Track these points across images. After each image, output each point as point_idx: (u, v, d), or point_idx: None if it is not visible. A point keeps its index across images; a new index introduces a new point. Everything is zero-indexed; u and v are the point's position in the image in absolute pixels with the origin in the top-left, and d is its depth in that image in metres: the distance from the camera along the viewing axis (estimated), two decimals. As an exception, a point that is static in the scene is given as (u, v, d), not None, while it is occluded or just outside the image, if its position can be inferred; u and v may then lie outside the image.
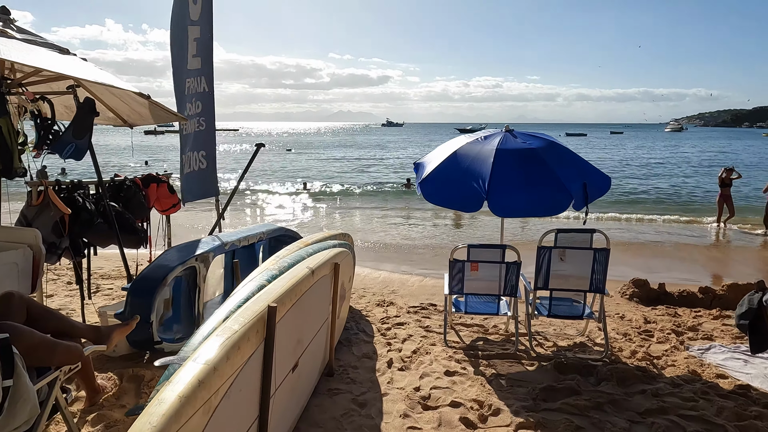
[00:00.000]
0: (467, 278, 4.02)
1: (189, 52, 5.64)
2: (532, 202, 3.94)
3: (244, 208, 14.58)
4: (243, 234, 4.75)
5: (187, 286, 3.84)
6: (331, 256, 3.28)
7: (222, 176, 23.52)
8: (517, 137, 4.45)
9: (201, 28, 5.77)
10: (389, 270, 7.34)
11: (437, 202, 4.26)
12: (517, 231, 10.60)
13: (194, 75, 5.80)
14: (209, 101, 5.97)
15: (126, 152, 39.54)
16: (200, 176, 6.04)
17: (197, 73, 5.82)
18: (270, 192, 18.23)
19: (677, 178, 23.81)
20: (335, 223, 12.21)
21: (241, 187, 19.75)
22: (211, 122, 6.03)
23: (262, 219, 12.93)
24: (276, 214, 13.48)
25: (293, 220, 12.49)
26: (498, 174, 4.02)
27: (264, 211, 14.20)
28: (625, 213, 13.70)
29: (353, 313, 5.07)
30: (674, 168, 29.44)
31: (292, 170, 28.28)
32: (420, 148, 48.76)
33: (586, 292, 4.04)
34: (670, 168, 29.37)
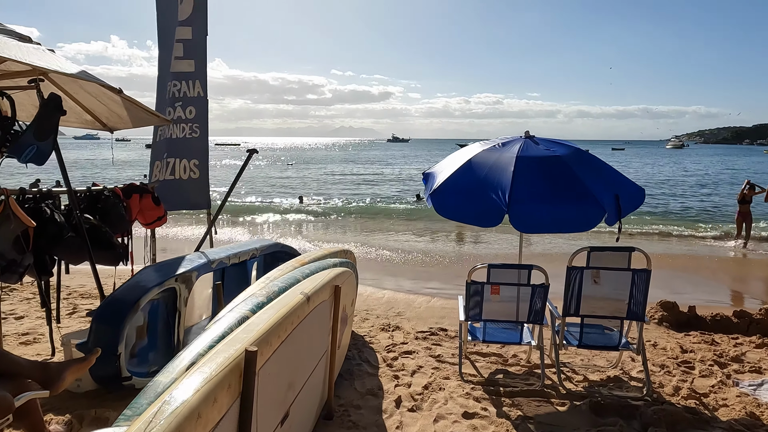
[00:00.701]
0: (486, 302, 3.52)
1: (173, 54, 5.25)
2: (559, 216, 3.46)
3: (240, 223, 14.09)
4: (233, 250, 4.27)
5: (166, 310, 3.35)
6: (331, 277, 2.80)
7: (216, 189, 23.17)
8: (539, 144, 3.99)
9: (192, 29, 5.38)
10: (394, 289, 6.83)
11: (450, 215, 3.78)
12: (536, 247, 10.10)
13: (185, 78, 5.39)
14: (204, 107, 5.56)
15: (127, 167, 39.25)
16: (192, 186, 5.60)
17: (191, 77, 5.42)
18: (268, 206, 17.73)
19: (688, 195, 23.33)
20: (335, 237, 11.72)
21: (237, 201, 19.44)
22: (205, 129, 5.60)
23: (261, 234, 12.45)
24: (273, 229, 13.01)
25: (291, 236, 12.00)
26: (519, 184, 3.54)
27: (261, 226, 13.72)
28: (636, 228, 13.22)
29: (355, 339, 4.56)
30: (681, 184, 29.00)
31: (292, 185, 27.87)
32: (428, 163, 48.42)
33: (622, 320, 3.53)
34: (677, 184, 28.93)
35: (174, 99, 5.32)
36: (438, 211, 3.76)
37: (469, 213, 3.69)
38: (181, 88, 5.37)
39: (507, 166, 3.70)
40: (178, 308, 3.34)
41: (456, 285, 7.06)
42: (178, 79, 5.33)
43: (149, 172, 5.46)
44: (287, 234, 12.15)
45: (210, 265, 3.75)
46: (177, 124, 5.34)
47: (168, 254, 8.15)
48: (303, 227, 13.34)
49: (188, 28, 5.34)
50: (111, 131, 4.38)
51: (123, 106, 3.62)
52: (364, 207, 17.54)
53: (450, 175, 3.84)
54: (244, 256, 4.34)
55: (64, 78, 3.42)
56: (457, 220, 3.85)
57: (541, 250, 9.95)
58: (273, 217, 15.27)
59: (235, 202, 18.51)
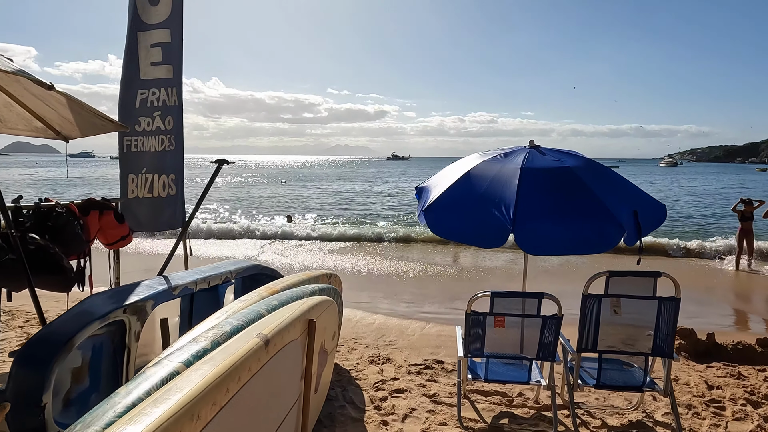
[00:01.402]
0: (489, 336, 3.03)
1: (142, 59, 4.84)
2: (573, 236, 3.00)
3: (221, 244, 13.46)
4: (202, 274, 3.78)
5: (111, 347, 2.84)
6: (303, 310, 2.31)
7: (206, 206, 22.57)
8: (546, 154, 3.56)
9: (171, 32, 4.97)
10: (386, 313, 6.31)
11: (446, 233, 3.32)
12: (540, 261, 9.60)
13: (164, 85, 4.96)
14: (180, 117, 5.13)
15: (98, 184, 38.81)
16: (168, 203, 5.13)
17: (169, 84, 4.99)
18: (253, 226, 16.71)
19: (686, 211, 23.02)
20: (322, 258, 11.20)
21: (220, 220, 18.72)
22: (181, 141, 5.15)
23: (245, 256, 11.87)
24: (256, 250, 12.42)
25: (275, 257, 11.45)
26: (526, 199, 3.10)
27: (244, 247, 13.09)
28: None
29: (340, 373, 4.04)
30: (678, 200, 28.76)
31: (283, 203, 27.15)
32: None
33: (648, 356, 3.05)
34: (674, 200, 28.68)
35: (152, 108, 4.88)
36: (432, 229, 3.30)
37: (467, 231, 3.22)
38: (160, 96, 4.93)
39: (511, 178, 3.26)
40: (128, 345, 2.83)
41: (453, 309, 6.56)
42: (157, 87, 4.90)
43: (121, 187, 5.00)
44: (271, 255, 11.56)
45: (171, 292, 3.25)
46: (155, 136, 4.91)
47: (148, 275, 7.67)
48: (289, 248, 12.68)
49: (166, 31, 4.93)
50: (66, 140, 3.92)
51: (71, 109, 3.16)
52: (356, 225, 17.01)
53: (446, 190, 3.39)
54: (215, 280, 3.85)
55: (7, 78, 2.99)
56: (454, 239, 3.38)
57: (548, 266, 9.48)
58: (257, 237, 14.25)
59: (218, 221, 17.88)
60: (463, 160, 3.86)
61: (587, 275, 3.05)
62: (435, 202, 3.34)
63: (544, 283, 8.00)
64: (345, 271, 9.44)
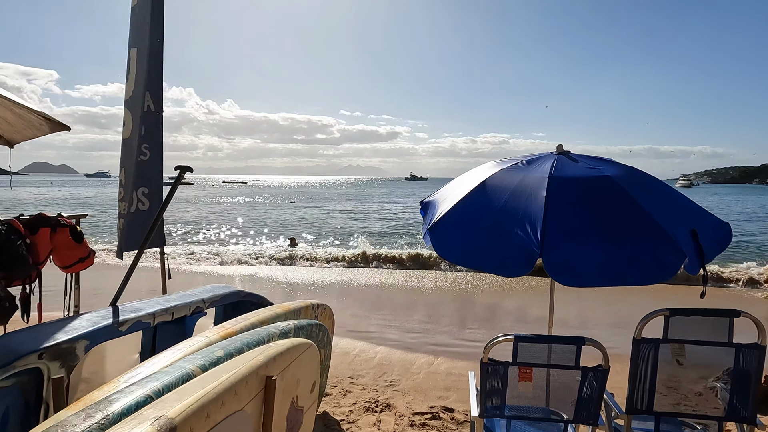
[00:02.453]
0: (512, 391, 2.35)
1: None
2: (619, 262, 2.33)
3: (211, 268, 12.75)
4: (165, 304, 3.17)
5: (23, 402, 2.22)
6: (254, 366, 1.67)
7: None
8: (578, 161, 2.92)
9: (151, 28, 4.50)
10: (389, 344, 5.62)
11: (456, 258, 2.68)
12: (565, 289, 8.85)
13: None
14: (157, 125, 4.61)
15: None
16: (141, 220, 4.57)
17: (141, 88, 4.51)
18: (251, 250, 15.22)
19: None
20: (324, 283, 10.53)
21: (214, 242, 17.85)
22: (158, 151, 4.63)
23: (236, 283, 11.23)
24: (250, 276, 11.78)
25: (271, 284, 10.82)
26: (557, 215, 2.46)
27: (237, 272, 12.36)
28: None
29: (328, 424, 3.36)
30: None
31: (288, 224, 25.92)
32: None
33: (721, 420, 2.34)
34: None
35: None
36: (439, 251, 2.67)
37: (483, 256, 2.57)
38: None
39: (536, 190, 2.63)
40: (45, 399, 2.21)
41: (465, 341, 5.85)
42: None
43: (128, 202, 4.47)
44: (266, 281, 10.87)
45: (115, 328, 2.64)
46: (139, 145, 4.43)
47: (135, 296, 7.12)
48: (288, 272, 11.71)
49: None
50: (10, 145, 3.38)
51: (7, 107, 2.61)
52: (365, 245, 16.33)
53: (456, 204, 2.76)
54: (180, 311, 3.23)
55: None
56: (467, 264, 2.73)
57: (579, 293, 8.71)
58: (255, 261, 13.14)
59: (212, 243, 17.17)
60: (476, 169, 3.23)
61: (626, 300, 2.37)
62: (442, 219, 2.72)
63: (571, 309, 7.25)
64: (347, 295, 8.78)
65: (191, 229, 20.70)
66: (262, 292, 8.01)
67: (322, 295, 8.83)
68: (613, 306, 7.39)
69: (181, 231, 20.11)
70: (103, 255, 12.43)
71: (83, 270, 3.83)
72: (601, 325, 6.65)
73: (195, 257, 13.35)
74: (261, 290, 8.59)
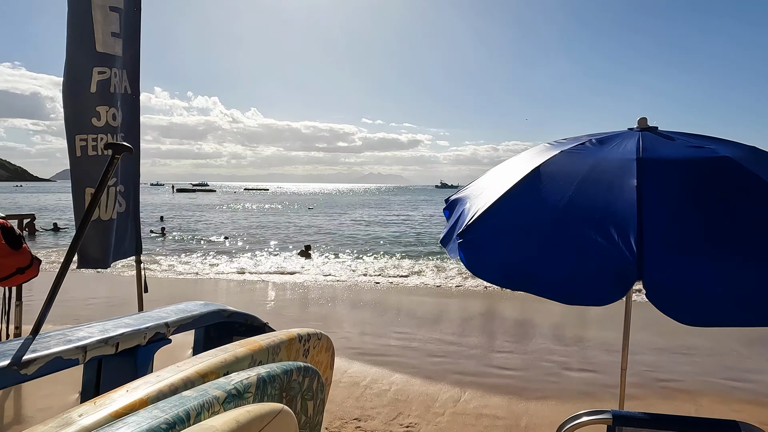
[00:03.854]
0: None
1: (98, 23, 3.57)
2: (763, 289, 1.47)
3: (208, 281, 12.13)
4: (112, 331, 2.39)
5: None
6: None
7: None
8: (675, 138, 2.06)
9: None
10: (407, 371, 4.78)
11: (498, 277, 1.85)
12: (610, 315, 7.86)
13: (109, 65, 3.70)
14: (134, 110, 3.92)
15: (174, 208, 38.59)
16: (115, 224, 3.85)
17: (115, 64, 3.75)
18: (256, 259, 14.36)
19: None
20: (335, 298, 9.74)
21: (215, 251, 16.79)
22: (135, 141, 3.92)
23: (233, 296, 10.49)
24: (249, 292, 11.05)
25: (276, 297, 10.05)
26: (659, 214, 1.62)
27: (244, 284, 11.69)
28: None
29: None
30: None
31: (304, 232, 24.16)
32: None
33: None
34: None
35: (114, 96, 3.64)
36: (473, 268, 1.85)
37: (541, 275, 1.73)
38: (110, 78, 3.67)
39: (621, 178, 1.78)
40: None
41: (497, 368, 4.96)
42: (107, 65, 3.63)
43: (75, 207, 3.70)
44: (271, 294, 10.08)
45: (11, 374, 1.87)
46: (105, 134, 3.66)
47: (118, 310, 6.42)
48: (297, 285, 10.58)
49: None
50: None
51: None
52: (382, 256, 15.39)
53: (497, 201, 1.93)
54: (129, 341, 2.45)
55: None
56: (515, 287, 1.89)
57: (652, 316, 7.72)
58: (263, 273, 11.91)
59: (213, 253, 16.01)
60: (523, 154, 2.39)
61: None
62: (477, 222, 1.89)
63: (610, 325, 6.27)
64: (362, 311, 7.96)
65: (194, 235, 20.23)
66: (259, 310, 7.27)
67: (332, 310, 8.04)
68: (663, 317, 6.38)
69: (188, 237, 19.66)
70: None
71: (25, 283, 3.10)
72: (670, 351, 5.67)
73: (189, 264, 12.72)
74: (259, 307, 7.81)
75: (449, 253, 2.10)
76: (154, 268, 12.13)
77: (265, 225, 26.53)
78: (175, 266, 12.44)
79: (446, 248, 2.16)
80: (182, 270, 12.04)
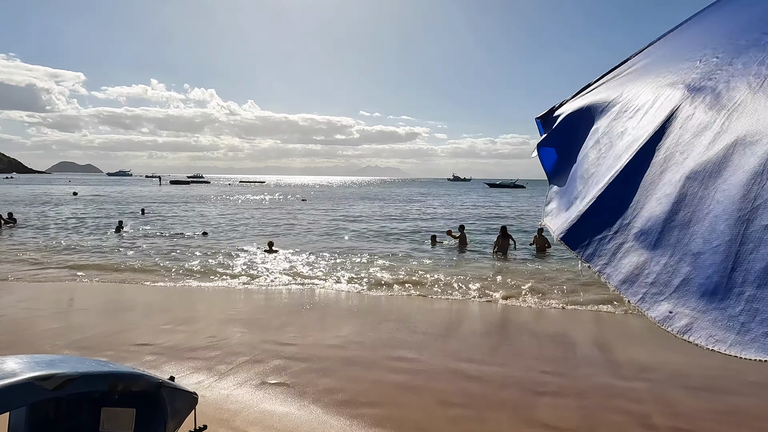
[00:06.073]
0: None
1: None
2: None
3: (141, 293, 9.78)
4: None
5: None
6: None
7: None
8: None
9: None
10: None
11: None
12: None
13: None
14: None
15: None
16: None
17: None
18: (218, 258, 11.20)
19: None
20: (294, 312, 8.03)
21: (174, 242, 12.61)
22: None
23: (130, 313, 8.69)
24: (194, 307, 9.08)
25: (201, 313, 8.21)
26: None
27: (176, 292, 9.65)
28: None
29: None
30: None
31: (288, 225, 19.63)
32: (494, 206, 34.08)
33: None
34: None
35: None
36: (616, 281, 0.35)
37: None
38: None
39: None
40: None
41: (548, 428, 3.30)
42: None
43: None
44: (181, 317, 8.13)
45: None
46: None
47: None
48: (234, 294, 7.89)
49: None
50: None
51: None
52: (376, 262, 10.99)
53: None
54: None
55: None
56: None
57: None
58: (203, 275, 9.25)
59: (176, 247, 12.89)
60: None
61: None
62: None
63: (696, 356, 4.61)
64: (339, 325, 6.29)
65: (162, 232, 17.64)
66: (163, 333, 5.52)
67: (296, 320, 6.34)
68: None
69: (154, 233, 17.28)
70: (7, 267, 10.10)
71: None
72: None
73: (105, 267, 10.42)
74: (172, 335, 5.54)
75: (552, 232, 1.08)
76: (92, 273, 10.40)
77: (246, 219, 23.17)
78: (104, 268, 10.33)
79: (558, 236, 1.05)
80: (110, 278, 9.25)
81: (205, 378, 4.30)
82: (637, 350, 5.32)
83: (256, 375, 4.38)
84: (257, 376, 4.36)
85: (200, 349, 5.07)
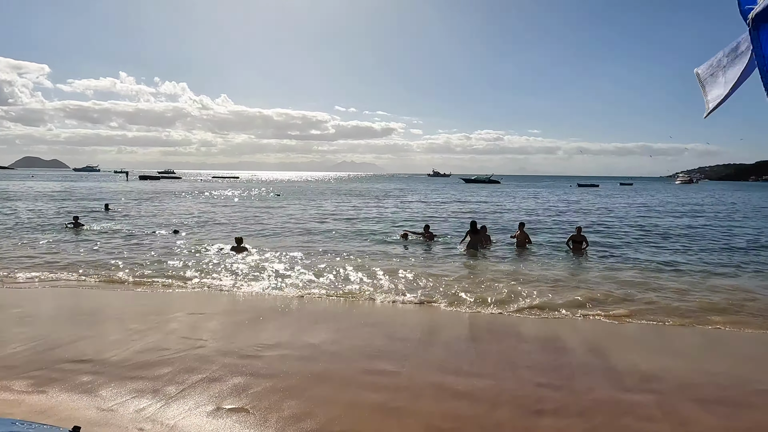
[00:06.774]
0: None
1: None
2: None
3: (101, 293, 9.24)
4: None
5: None
6: None
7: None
8: None
9: None
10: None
11: None
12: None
13: None
14: None
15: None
16: None
17: None
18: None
19: (739, 226, 18.83)
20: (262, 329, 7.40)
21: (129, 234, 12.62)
22: None
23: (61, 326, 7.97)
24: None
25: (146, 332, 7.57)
26: None
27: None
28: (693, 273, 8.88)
29: None
30: (723, 213, 24.78)
31: (258, 221, 19.03)
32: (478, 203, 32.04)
33: None
34: (719, 213, 24.71)
35: None
36: None
37: None
38: None
39: None
40: None
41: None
42: None
43: None
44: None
45: None
46: None
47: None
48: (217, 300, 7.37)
49: None
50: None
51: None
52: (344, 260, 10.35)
53: None
54: None
55: None
56: None
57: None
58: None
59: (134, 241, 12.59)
60: None
61: None
62: None
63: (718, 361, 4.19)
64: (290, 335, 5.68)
65: (132, 230, 17.20)
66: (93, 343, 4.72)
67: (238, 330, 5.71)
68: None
69: (116, 230, 16.56)
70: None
71: None
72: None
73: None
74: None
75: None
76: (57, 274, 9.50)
77: (214, 215, 22.18)
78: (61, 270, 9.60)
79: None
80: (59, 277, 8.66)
81: (149, 404, 3.64)
82: (635, 356, 4.90)
83: (211, 398, 3.74)
84: (211, 399, 3.72)
85: (149, 366, 4.40)
